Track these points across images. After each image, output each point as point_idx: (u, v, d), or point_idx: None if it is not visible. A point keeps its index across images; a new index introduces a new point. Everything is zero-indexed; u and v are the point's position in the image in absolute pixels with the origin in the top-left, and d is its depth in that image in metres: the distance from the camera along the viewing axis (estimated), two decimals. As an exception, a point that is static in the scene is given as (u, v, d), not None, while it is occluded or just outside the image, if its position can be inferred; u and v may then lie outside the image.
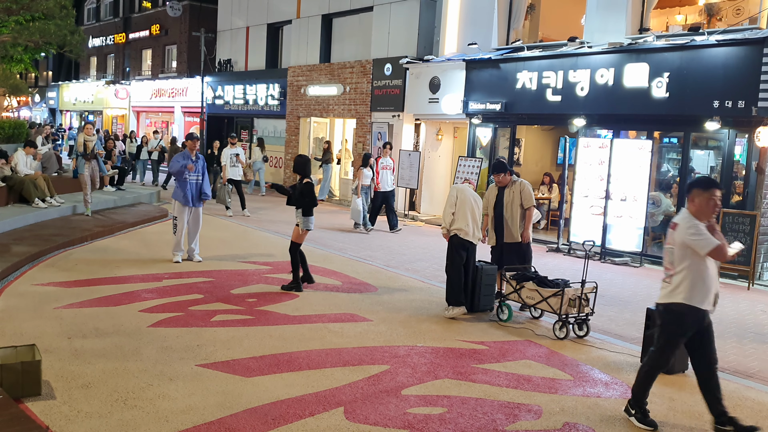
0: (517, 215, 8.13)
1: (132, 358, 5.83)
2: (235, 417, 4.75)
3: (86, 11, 38.81)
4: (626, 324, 8.07)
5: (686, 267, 4.88)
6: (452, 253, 7.91)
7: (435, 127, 17.82)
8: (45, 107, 42.55)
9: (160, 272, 9.26)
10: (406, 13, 18.23)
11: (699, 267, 4.87)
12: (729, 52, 11.14)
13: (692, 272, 4.87)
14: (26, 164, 13.63)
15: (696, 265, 4.87)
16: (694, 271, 4.87)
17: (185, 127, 29.34)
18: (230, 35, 25.76)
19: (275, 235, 13.21)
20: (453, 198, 7.95)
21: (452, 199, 7.94)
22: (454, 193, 8.00)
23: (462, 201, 7.89)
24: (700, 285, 4.87)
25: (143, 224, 13.50)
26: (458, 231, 7.83)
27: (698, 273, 4.87)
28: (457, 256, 7.86)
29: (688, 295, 4.88)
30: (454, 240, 7.88)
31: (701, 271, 4.87)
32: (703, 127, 11.41)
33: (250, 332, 6.77)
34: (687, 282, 4.89)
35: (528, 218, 8.17)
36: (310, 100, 21.40)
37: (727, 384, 6.08)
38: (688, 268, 4.88)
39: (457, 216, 7.87)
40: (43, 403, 4.79)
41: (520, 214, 8.14)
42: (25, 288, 8.00)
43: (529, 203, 8.13)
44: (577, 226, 12.78)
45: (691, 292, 4.88)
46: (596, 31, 13.42)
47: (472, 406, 5.21)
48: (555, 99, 13.70)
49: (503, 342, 7.00)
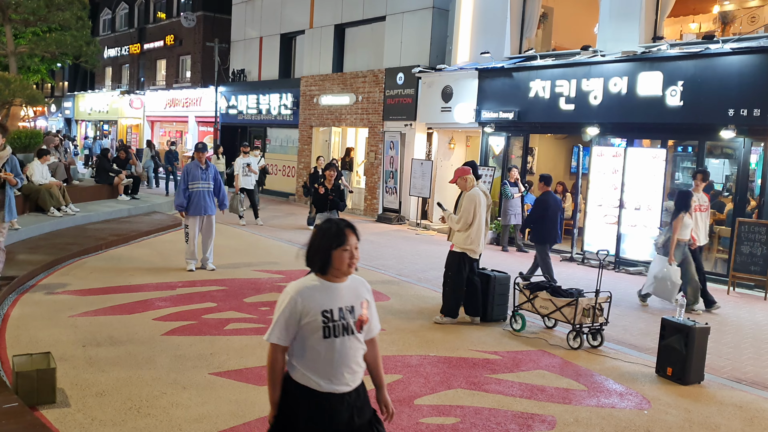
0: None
1: (146, 366, 5.85)
2: (248, 426, 4.75)
3: (102, 22, 39.24)
4: (640, 334, 8.00)
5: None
6: (459, 266, 7.86)
7: (447, 136, 17.82)
8: (61, 117, 42.98)
9: (174, 281, 9.31)
10: (418, 22, 18.27)
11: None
12: (744, 60, 11.07)
13: None
14: (41, 173, 13.75)
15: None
16: None
17: (199, 136, 29.52)
18: (244, 45, 25.93)
19: (288, 243, 13.23)
20: (471, 207, 7.74)
21: (471, 209, 7.74)
22: (473, 204, 7.75)
23: (481, 215, 7.76)
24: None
25: (157, 233, 13.58)
26: (471, 252, 7.77)
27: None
28: (463, 270, 7.84)
29: None
30: (464, 257, 7.84)
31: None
32: (718, 136, 11.33)
33: (262, 341, 6.75)
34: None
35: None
36: (322, 110, 21.47)
37: (743, 395, 6.02)
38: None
39: (474, 231, 7.74)
40: (58, 410, 4.81)
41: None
42: (40, 296, 8.06)
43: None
44: (591, 235, 12.72)
45: None
46: (609, 40, 13.39)
47: (486, 417, 5.18)
48: (568, 108, 13.66)
49: (517, 352, 6.97)
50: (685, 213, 8.92)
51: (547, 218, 9.88)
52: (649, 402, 5.73)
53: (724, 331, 8.30)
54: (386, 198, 18.66)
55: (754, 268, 10.48)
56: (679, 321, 6.36)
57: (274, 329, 3.13)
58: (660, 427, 5.19)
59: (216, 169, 10.31)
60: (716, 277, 11.41)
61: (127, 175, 17.55)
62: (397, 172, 18.17)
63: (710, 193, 11.06)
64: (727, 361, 7.05)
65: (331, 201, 9.25)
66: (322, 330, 3.03)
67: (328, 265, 3.08)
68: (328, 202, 9.25)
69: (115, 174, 17.18)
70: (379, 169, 18.94)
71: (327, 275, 3.12)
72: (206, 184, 10.00)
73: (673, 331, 6.35)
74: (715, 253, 12.40)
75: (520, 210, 14.14)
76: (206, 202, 10.01)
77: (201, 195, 9.97)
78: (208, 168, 10.09)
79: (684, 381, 6.17)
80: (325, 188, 9.21)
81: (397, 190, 18.18)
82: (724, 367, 6.85)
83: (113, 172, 17.21)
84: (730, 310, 9.48)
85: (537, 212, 10.08)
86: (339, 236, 3.09)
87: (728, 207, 12.11)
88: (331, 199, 9.24)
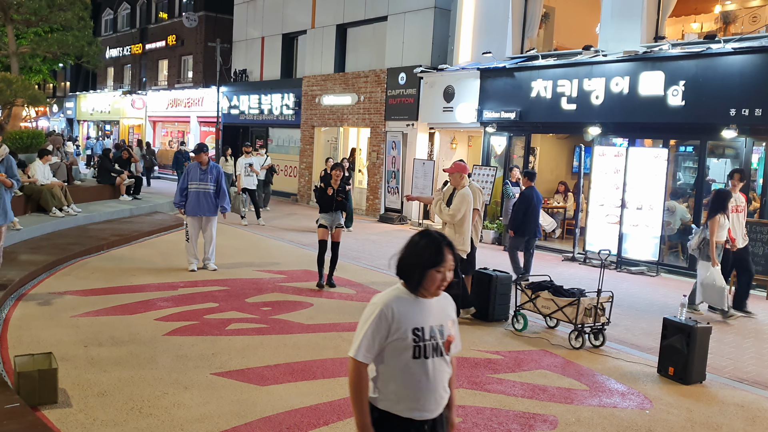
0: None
1: (147, 366, 5.85)
2: (249, 426, 4.76)
3: (103, 22, 39.28)
4: (642, 334, 8.00)
5: None
6: (458, 269, 7.86)
7: (449, 136, 17.82)
8: (63, 117, 43.04)
9: (176, 281, 9.31)
10: (420, 22, 18.27)
11: None
12: (745, 60, 11.06)
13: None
14: (43, 174, 13.77)
15: None
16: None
17: (201, 136, 29.56)
18: (245, 45, 25.95)
19: (289, 243, 13.24)
20: (464, 207, 7.74)
21: (463, 209, 7.74)
22: (465, 204, 7.76)
23: (470, 216, 7.85)
24: None
25: (159, 233, 13.59)
26: (463, 252, 7.82)
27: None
28: (460, 271, 7.90)
29: None
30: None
31: None
32: (720, 135, 11.32)
33: (264, 341, 6.78)
34: None
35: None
36: (324, 110, 21.48)
37: (745, 395, 6.01)
38: None
39: (466, 233, 7.82)
40: (60, 410, 4.82)
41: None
42: (42, 296, 8.07)
43: (474, 204, 8.37)
44: (593, 235, 12.71)
45: None
46: (611, 40, 13.38)
47: (487, 416, 5.18)
48: (570, 107, 13.66)
49: (518, 352, 6.96)
50: (722, 214, 8.53)
51: (530, 212, 10.18)
52: (650, 402, 5.73)
53: (726, 330, 8.29)
54: (388, 198, 18.67)
55: (756, 268, 10.45)
56: (680, 321, 6.35)
57: (361, 344, 2.75)
58: (662, 426, 5.19)
59: (220, 171, 10.17)
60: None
61: (128, 175, 17.57)
62: (399, 172, 18.18)
63: (747, 193, 10.54)
64: (729, 361, 7.05)
65: (338, 202, 9.22)
66: (413, 349, 2.74)
67: (419, 285, 2.79)
68: (334, 203, 9.22)
69: (116, 174, 17.20)
70: (381, 169, 18.94)
71: (416, 292, 2.82)
72: (205, 185, 9.93)
73: (674, 330, 6.34)
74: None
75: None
76: (204, 204, 9.94)
77: (199, 196, 9.94)
78: (209, 169, 10.05)
79: (686, 381, 6.17)
80: (333, 189, 9.20)
81: (399, 190, 18.18)
82: (726, 367, 6.84)
83: (115, 172, 17.24)
84: (732, 309, 9.45)
85: (522, 206, 10.30)
86: (438, 256, 2.79)
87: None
88: (339, 200, 9.21)
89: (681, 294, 7.04)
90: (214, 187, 9.99)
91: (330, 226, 9.31)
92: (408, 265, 2.82)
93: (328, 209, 9.22)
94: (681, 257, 12.41)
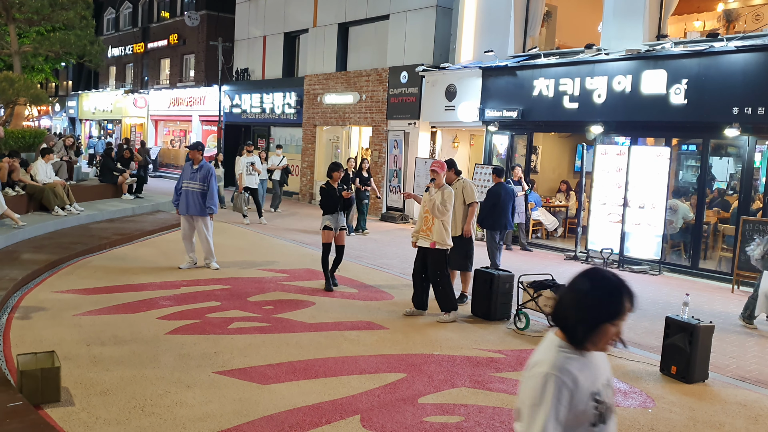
0: (459, 211, 8.67)
1: (150, 365, 5.86)
2: (251, 424, 4.76)
3: (105, 21, 39.30)
4: (645, 332, 7.99)
5: None
6: (443, 263, 8.03)
7: (451, 134, 17.81)
8: (65, 116, 43.08)
9: (178, 280, 9.32)
10: (422, 21, 18.26)
11: None
12: (748, 58, 11.03)
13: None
14: (45, 173, 13.79)
15: None
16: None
17: (203, 135, 29.56)
18: (247, 44, 25.95)
19: (291, 243, 13.25)
20: (451, 204, 7.99)
21: (450, 206, 7.99)
22: (452, 200, 8.02)
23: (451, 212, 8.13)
24: None
25: (161, 232, 13.60)
26: (448, 246, 7.99)
27: None
28: (447, 265, 8.11)
29: None
30: (445, 252, 8.02)
31: None
32: (722, 134, 11.29)
33: (266, 340, 6.78)
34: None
35: (470, 214, 8.69)
36: (326, 109, 21.48)
37: (748, 394, 6.01)
38: None
39: (450, 228, 8.07)
40: (62, 409, 4.83)
41: (462, 211, 8.69)
42: (44, 295, 8.08)
43: (470, 199, 8.68)
44: (595, 233, 12.69)
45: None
46: (613, 38, 13.36)
47: (490, 415, 5.18)
48: (572, 106, 13.64)
49: (520, 350, 6.96)
50: None
51: (498, 206, 10.41)
52: (653, 400, 5.72)
53: (729, 329, 8.28)
54: (390, 197, 18.67)
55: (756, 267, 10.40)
56: (683, 319, 6.34)
57: (546, 429, 2.18)
58: (664, 425, 5.18)
59: (211, 171, 9.97)
60: (720, 275, 11.41)
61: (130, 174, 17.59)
62: (400, 171, 18.17)
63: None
64: (732, 360, 7.04)
65: (346, 200, 9.21)
66: (593, 418, 2.27)
67: (587, 340, 2.26)
68: (340, 203, 9.17)
69: (119, 173, 17.21)
70: (382, 168, 18.93)
71: (581, 347, 2.28)
72: (195, 184, 9.87)
73: (677, 329, 6.33)
74: (719, 252, 12.38)
75: (524, 209, 14.11)
76: (191, 203, 9.90)
77: (188, 195, 9.93)
78: (199, 169, 9.95)
79: (688, 379, 6.16)
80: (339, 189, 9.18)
81: (400, 189, 18.18)
82: (729, 366, 6.83)
83: (117, 171, 17.25)
84: (734, 308, 9.45)
85: (489, 202, 10.52)
86: (617, 306, 2.25)
87: (733, 205, 12.08)
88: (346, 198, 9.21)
89: (683, 293, 7.03)
90: (202, 186, 9.88)
91: (335, 227, 9.25)
92: (577, 319, 2.27)
93: (332, 210, 9.14)
94: (683, 256, 12.40)
